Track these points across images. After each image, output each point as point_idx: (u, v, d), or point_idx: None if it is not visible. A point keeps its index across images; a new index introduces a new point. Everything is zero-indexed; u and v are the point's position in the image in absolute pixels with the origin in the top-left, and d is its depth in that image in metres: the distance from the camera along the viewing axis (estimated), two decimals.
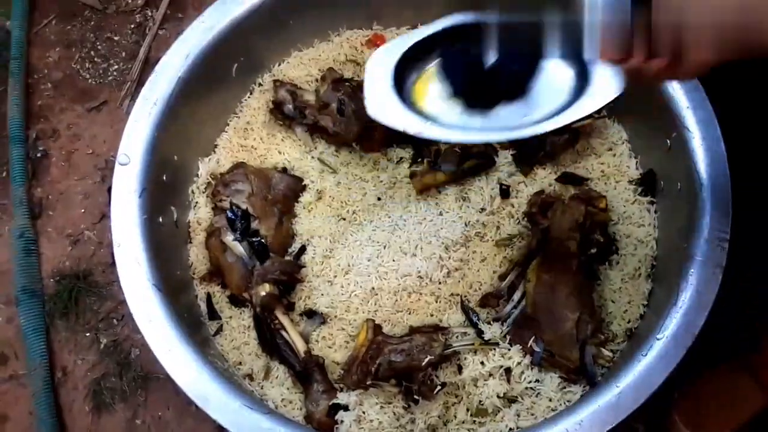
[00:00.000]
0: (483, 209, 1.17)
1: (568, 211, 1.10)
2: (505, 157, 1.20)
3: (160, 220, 1.09)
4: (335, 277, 1.14)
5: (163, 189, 1.10)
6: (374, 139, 1.22)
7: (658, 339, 0.90)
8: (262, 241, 1.13)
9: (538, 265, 1.07)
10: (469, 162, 1.17)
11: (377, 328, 1.07)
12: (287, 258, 1.16)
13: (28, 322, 1.42)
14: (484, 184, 1.18)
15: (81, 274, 1.46)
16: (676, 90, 1.04)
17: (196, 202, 1.20)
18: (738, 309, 1.14)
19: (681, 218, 1.01)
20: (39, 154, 1.58)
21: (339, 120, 1.22)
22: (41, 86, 1.66)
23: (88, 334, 1.42)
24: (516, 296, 1.07)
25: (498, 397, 1.03)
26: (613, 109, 1.20)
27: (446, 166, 1.16)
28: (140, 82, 1.55)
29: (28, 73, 1.68)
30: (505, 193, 1.17)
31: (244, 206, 1.15)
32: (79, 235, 1.50)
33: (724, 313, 0.95)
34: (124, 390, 1.37)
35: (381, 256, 1.15)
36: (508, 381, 1.04)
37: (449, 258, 1.14)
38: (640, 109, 1.12)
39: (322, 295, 1.13)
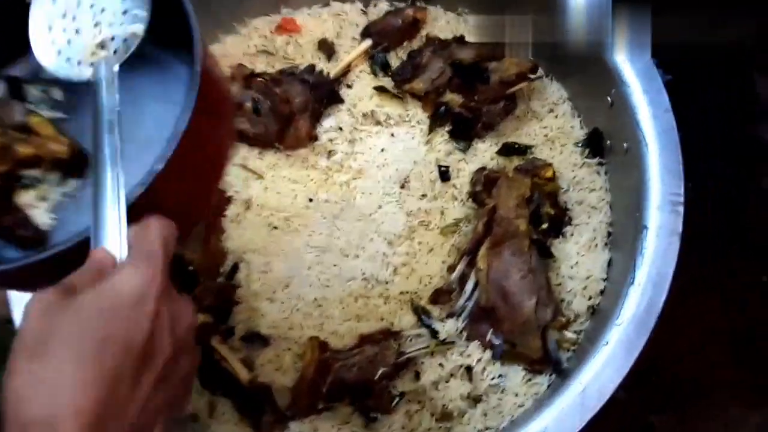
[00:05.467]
0: (424, 195, 1.07)
1: (513, 185, 1.01)
2: (441, 135, 1.11)
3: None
4: (275, 293, 1.05)
5: None
6: (299, 134, 1.12)
7: (617, 324, 0.82)
8: (188, 267, 1.03)
9: (487, 250, 0.98)
10: None
11: (323, 345, 0.98)
12: (219, 280, 1.06)
13: None
14: (423, 168, 1.08)
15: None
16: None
17: None
18: None
19: (631, 180, 0.93)
20: None
21: (256, 120, 1.11)
22: None
23: None
24: (468, 287, 0.99)
25: (462, 398, 0.95)
26: (551, 68, 1.10)
27: None
28: None
29: None
30: (444, 175, 1.08)
31: None
32: None
33: None
34: None
35: (321, 263, 1.06)
36: (471, 380, 0.96)
37: (394, 254, 1.05)
38: (578, 64, 1.03)
39: (263, 315, 1.04)
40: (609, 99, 0.97)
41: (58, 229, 0.68)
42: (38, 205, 0.69)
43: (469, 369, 0.96)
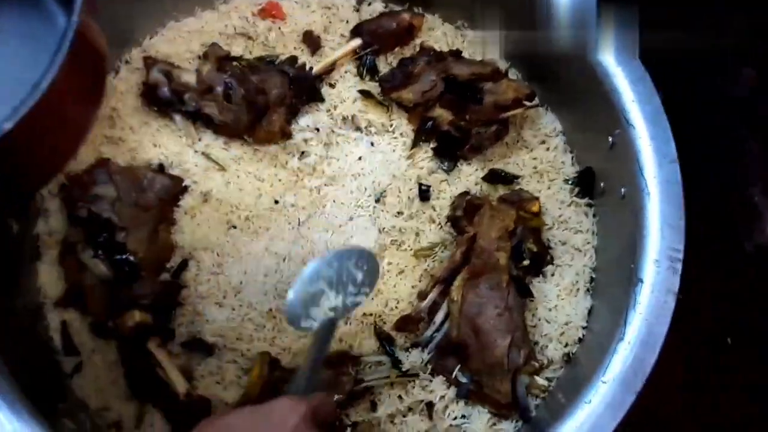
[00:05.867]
0: (400, 213, 1.00)
1: (496, 216, 0.95)
2: (425, 152, 1.04)
3: None
4: (225, 297, 0.95)
5: None
6: (272, 129, 1.03)
7: (603, 382, 0.76)
8: (130, 258, 0.92)
9: (463, 281, 0.92)
10: None
11: (274, 362, 0.89)
12: (164, 276, 0.95)
13: None
14: (401, 184, 1.01)
15: None
16: (619, 79, 0.90)
17: (47, 209, 0.96)
18: None
19: (624, 228, 0.88)
20: None
21: (226, 107, 1.01)
22: None
23: None
24: (438, 318, 0.92)
25: None
26: (547, 98, 1.05)
27: None
28: None
29: None
30: (424, 194, 1.01)
31: (106, 215, 0.93)
32: None
33: None
34: None
35: (280, 271, 0.96)
36: (430, 417, 0.89)
37: None
38: (579, 98, 0.98)
39: (208, 321, 0.93)
40: (610, 139, 0.92)
41: None
42: None
43: (430, 405, 0.89)
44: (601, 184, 0.97)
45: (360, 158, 1.04)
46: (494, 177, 1.02)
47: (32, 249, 0.95)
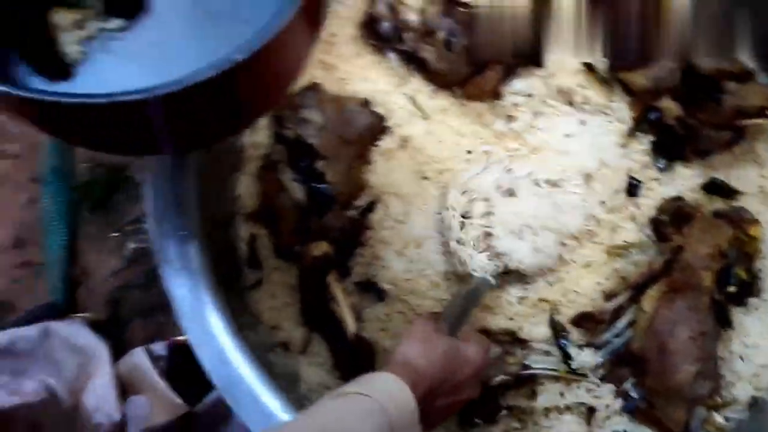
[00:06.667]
0: (602, 203, 0.94)
1: (710, 231, 0.87)
2: (641, 143, 0.96)
3: None
4: (405, 248, 0.94)
5: None
6: (485, 86, 0.99)
7: None
8: (328, 188, 0.93)
9: (659, 293, 0.86)
10: None
11: None
12: (350, 213, 0.96)
13: (52, 205, 1.27)
14: (610, 172, 0.95)
15: (117, 165, 1.29)
16: None
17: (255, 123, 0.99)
18: None
19: None
20: None
21: (445, 55, 0.98)
22: None
23: (115, 235, 1.27)
24: (621, 324, 0.87)
25: None
26: None
27: None
28: None
29: None
30: (632, 188, 0.94)
31: (311, 141, 0.94)
32: None
33: None
34: (144, 304, 1.24)
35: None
36: (588, 423, 0.86)
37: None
38: None
39: (385, 267, 0.94)
40: None
41: (83, 68, 0.63)
42: (71, 32, 0.65)
43: (591, 410, 0.86)
44: None
45: (567, 135, 0.98)
46: (714, 187, 0.93)
47: (235, 159, 0.98)
